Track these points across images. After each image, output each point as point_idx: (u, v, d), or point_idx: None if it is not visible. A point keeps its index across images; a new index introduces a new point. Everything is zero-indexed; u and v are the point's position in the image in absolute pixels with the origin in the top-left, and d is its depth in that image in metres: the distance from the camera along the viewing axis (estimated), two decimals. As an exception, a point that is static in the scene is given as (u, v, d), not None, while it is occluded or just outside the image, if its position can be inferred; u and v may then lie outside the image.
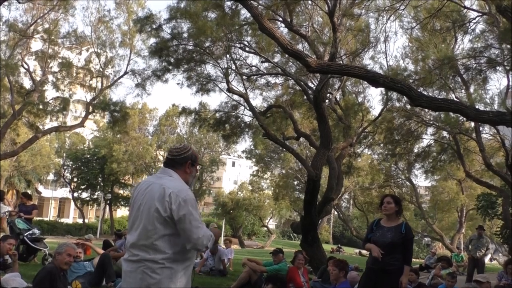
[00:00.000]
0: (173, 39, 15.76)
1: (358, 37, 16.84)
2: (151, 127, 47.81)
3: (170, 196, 3.30)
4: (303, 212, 14.65)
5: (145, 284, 3.28)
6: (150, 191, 3.41)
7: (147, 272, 3.28)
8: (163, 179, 3.46)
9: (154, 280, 3.27)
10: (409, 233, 5.96)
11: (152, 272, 3.28)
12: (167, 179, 3.45)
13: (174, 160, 3.56)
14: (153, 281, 3.27)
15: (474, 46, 15.46)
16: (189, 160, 3.58)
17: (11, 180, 41.44)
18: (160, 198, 3.32)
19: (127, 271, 3.39)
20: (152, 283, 3.27)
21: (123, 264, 3.48)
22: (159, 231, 3.31)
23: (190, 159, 3.59)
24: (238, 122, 19.15)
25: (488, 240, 14.18)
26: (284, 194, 40.57)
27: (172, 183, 3.41)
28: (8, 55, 20.89)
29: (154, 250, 3.30)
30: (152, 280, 3.27)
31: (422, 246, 58.01)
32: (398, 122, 21.56)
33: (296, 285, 8.67)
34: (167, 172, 3.53)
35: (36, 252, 11.57)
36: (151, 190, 3.41)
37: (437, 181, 39.17)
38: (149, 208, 3.35)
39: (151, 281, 3.27)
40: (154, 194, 3.36)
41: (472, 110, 8.76)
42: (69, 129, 29.88)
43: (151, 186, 3.44)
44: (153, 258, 3.29)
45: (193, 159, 3.62)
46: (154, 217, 3.31)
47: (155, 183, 3.44)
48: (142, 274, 3.29)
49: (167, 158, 3.62)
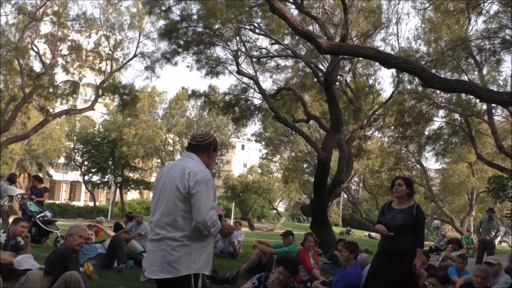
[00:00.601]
0: (182, 21, 15.65)
1: (370, 18, 16.62)
2: (160, 110, 47.84)
3: (190, 174, 3.50)
4: (313, 195, 14.64)
5: (166, 261, 3.46)
6: (172, 172, 3.63)
7: (168, 249, 3.46)
8: (184, 161, 3.70)
9: (174, 257, 3.46)
10: (421, 215, 5.90)
11: (172, 250, 3.46)
12: (189, 161, 3.67)
13: (197, 145, 3.76)
14: (172, 257, 3.46)
15: (488, 27, 15.19)
16: (212, 146, 3.79)
17: (23, 163, 41.80)
18: (180, 177, 3.52)
19: (150, 250, 3.62)
20: (172, 259, 3.46)
21: (148, 244, 3.74)
22: (179, 208, 3.49)
23: (213, 144, 3.80)
24: (248, 105, 19.09)
25: (498, 222, 14.10)
26: (293, 177, 40.60)
27: (192, 164, 3.62)
28: (18, 38, 20.89)
29: (174, 228, 3.49)
30: (172, 257, 3.46)
31: (432, 229, 57.95)
32: (409, 104, 21.38)
33: (306, 267, 8.68)
34: (189, 155, 3.74)
35: (48, 234, 11.67)
36: (173, 171, 3.63)
37: (448, 164, 39.04)
38: (171, 188, 3.55)
39: (171, 258, 3.46)
40: (176, 174, 3.57)
41: (485, 91, 8.63)
42: (79, 112, 29.97)
43: (174, 168, 3.67)
44: (173, 236, 3.48)
45: (215, 144, 3.83)
46: (175, 195, 3.51)
47: (177, 165, 3.68)
48: (163, 251, 3.47)
49: (189, 144, 3.81)
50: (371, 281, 6.14)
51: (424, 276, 7.51)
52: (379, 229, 5.92)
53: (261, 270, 8.12)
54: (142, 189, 53.15)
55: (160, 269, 3.48)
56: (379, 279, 5.94)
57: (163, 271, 3.47)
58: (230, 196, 48.77)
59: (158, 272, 3.49)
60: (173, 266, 3.46)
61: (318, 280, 7.99)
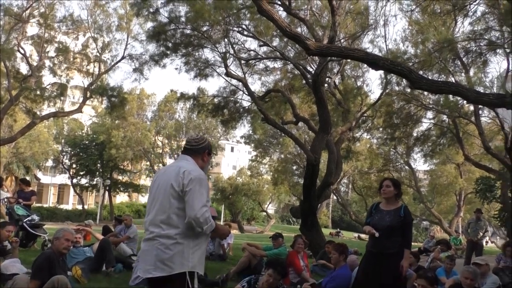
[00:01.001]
0: (170, 23, 15.62)
1: (357, 20, 16.70)
2: (149, 112, 47.65)
3: (184, 173, 3.59)
4: (302, 197, 14.66)
5: (159, 259, 3.50)
6: (167, 173, 3.74)
7: (161, 248, 3.51)
8: (179, 162, 3.82)
9: (167, 255, 3.49)
10: (408, 216, 5.93)
11: (166, 248, 3.50)
12: (183, 162, 3.77)
13: (191, 149, 3.85)
14: (166, 256, 3.49)
15: (475, 28, 15.32)
16: (206, 150, 3.89)
17: (10, 166, 41.37)
18: (175, 176, 3.60)
19: (144, 249, 3.65)
20: (166, 258, 3.49)
21: (142, 244, 3.74)
22: (173, 205, 3.56)
23: (207, 149, 3.90)
24: (237, 107, 19.08)
25: (486, 223, 14.20)
26: (283, 179, 40.59)
27: (187, 164, 3.72)
28: (4, 39, 20.69)
29: (168, 225, 3.54)
30: (166, 255, 3.50)
31: (421, 230, 58.23)
32: (397, 106, 21.49)
33: (296, 269, 8.66)
34: (184, 157, 3.84)
35: (35, 238, 11.56)
36: (168, 172, 3.74)
37: (436, 165, 39.25)
38: (165, 186, 3.62)
39: (164, 256, 3.50)
40: (171, 173, 3.66)
41: (472, 93, 8.70)
42: (67, 115, 29.75)
43: (169, 168, 3.81)
44: (167, 233, 3.52)
45: (210, 149, 3.94)
46: (169, 193, 3.58)
47: (173, 165, 3.82)
48: (157, 250, 3.52)
49: (184, 148, 3.90)
50: (359, 282, 6.14)
51: (413, 277, 7.53)
52: (366, 229, 5.96)
53: (251, 272, 8.10)
54: (131, 192, 52.87)
55: (154, 268, 3.51)
56: (367, 281, 5.96)
57: (157, 269, 3.50)
58: (219, 198, 48.63)
59: (152, 271, 3.53)
60: (167, 264, 3.49)
61: (308, 282, 7.98)
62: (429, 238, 19.39)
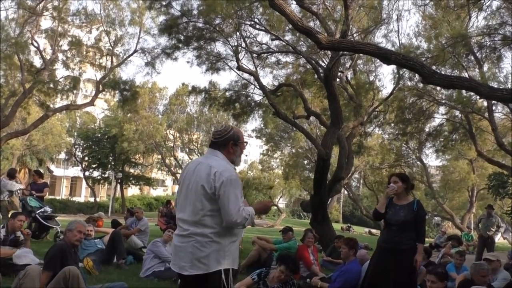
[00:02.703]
0: (182, 16, 15.62)
1: (370, 14, 16.58)
2: (161, 106, 47.73)
3: (215, 174, 3.49)
4: (313, 191, 14.64)
5: (196, 257, 3.47)
6: (198, 171, 3.63)
7: (197, 246, 3.48)
8: (209, 159, 3.67)
9: (204, 254, 3.47)
10: (421, 210, 5.91)
11: (202, 246, 3.47)
12: (214, 159, 3.66)
13: (217, 143, 3.75)
14: (202, 254, 3.47)
15: (489, 23, 15.14)
16: (231, 141, 3.74)
17: (23, 159, 41.79)
18: (207, 177, 3.52)
19: (178, 245, 3.60)
20: (202, 256, 3.47)
21: (174, 238, 3.72)
22: (205, 207, 3.51)
23: (232, 139, 3.74)
24: (248, 101, 19.05)
25: (498, 219, 14.09)
26: (294, 173, 40.58)
27: (217, 162, 3.62)
28: (18, 33, 20.84)
29: (202, 225, 3.50)
30: (202, 253, 3.47)
31: (432, 226, 57.96)
32: (409, 101, 21.35)
33: (306, 263, 8.69)
34: (214, 152, 3.73)
35: (48, 229, 11.71)
36: (199, 170, 3.63)
37: (448, 161, 39.02)
38: (197, 187, 3.55)
39: (200, 254, 3.47)
40: (202, 173, 3.57)
41: (485, 88, 8.59)
42: (80, 108, 29.93)
43: (199, 165, 3.66)
44: (202, 232, 3.49)
45: (236, 139, 3.76)
46: (201, 194, 3.52)
47: (203, 163, 3.67)
48: (193, 248, 3.49)
49: (211, 141, 3.81)
50: (370, 279, 6.10)
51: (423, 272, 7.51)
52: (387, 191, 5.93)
53: (261, 266, 8.12)
54: (143, 185, 53.13)
55: (191, 265, 3.49)
56: (378, 277, 5.91)
57: (194, 267, 3.48)
58: (230, 192, 48.57)
59: (188, 268, 3.50)
60: (203, 262, 3.46)
61: (318, 276, 8.00)
62: (441, 234, 19.35)
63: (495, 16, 14.90)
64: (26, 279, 5.09)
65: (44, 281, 5.25)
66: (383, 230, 6.19)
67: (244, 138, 3.87)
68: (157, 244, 8.18)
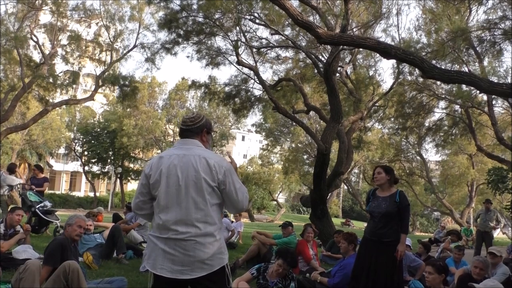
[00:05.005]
0: (182, 11, 15.58)
1: (370, 9, 16.54)
2: (160, 101, 47.74)
3: (215, 166, 3.29)
4: (313, 186, 14.64)
5: (199, 260, 3.24)
6: (187, 163, 3.31)
7: (200, 248, 3.24)
8: (195, 150, 3.38)
9: (208, 255, 3.25)
10: (404, 200, 5.91)
11: (205, 248, 3.25)
12: (201, 150, 3.40)
13: (189, 130, 3.49)
14: (206, 255, 3.25)
15: (489, 17, 15.12)
16: (204, 128, 3.52)
17: (23, 153, 41.82)
18: (206, 169, 3.29)
19: (168, 250, 3.27)
20: (206, 258, 3.25)
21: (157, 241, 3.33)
22: (209, 202, 3.28)
23: (205, 127, 3.53)
24: (248, 96, 19.03)
25: (497, 213, 14.11)
26: (293, 168, 40.62)
27: (208, 153, 3.39)
28: (17, 27, 20.80)
29: (205, 223, 3.26)
30: (206, 255, 3.25)
31: (432, 220, 58.08)
32: (409, 95, 21.34)
33: (305, 258, 8.70)
34: (192, 142, 3.45)
35: (48, 224, 11.71)
36: (188, 162, 3.31)
37: (448, 156, 39.03)
38: (194, 181, 3.27)
39: (204, 256, 3.25)
40: (196, 165, 3.29)
41: (485, 82, 8.59)
42: (79, 103, 29.89)
43: (185, 158, 3.33)
44: (206, 232, 3.26)
45: (208, 126, 3.56)
46: (204, 188, 3.27)
47: (189, 154, 3.35)
48: (194, 250, 3.23)
49: (181, 129, 3.53)
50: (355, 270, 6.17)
51: (422, 267, 7.53)
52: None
53: (260, 261, 8.14)
54: (142, 179, 53.13)
55: (192, 268, 3.23)
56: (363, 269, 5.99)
57: (196, 269, 3.24)
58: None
59: (189, 272, 3.23)
60: (207, 263, 3.25)
61: (317, 271, 8.01)
62: (440, 229, 19.37)
63: (495, 10, 14.87)
64: (26, 274, 5.08)
65: (44, 275, 5.26)
66: (368, 222, 6.25)
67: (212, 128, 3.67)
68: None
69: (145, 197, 3.46)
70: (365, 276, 5.91)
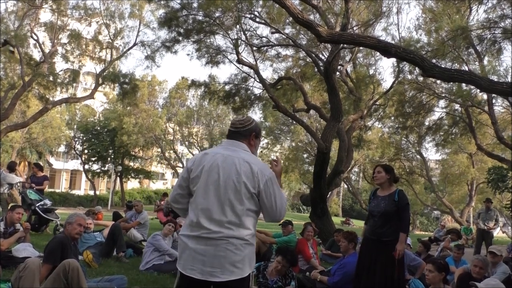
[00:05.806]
0: (182, 9, 15.57)
1: (370, 7, 16.54)
2: (161, 99, 47.70)
3: (258, 173, 3.22)
4: (313, 185, 14.64)
5: (230, 262, 3.17)
6: (230, 165, 3.27)
7: (231, 249, 3.18)
8: (240, 153, 3.34)
9: (239, 257, 3.19)
10: (403, 199, 5.90)
11: (237, 249, 3.19)
12: (246, 154, 3.35)
13: (238, 132, 3.45)
14: (238, 257, 3.19)
15: (489, 16, 15.10)
16: (253, 132, 3.48)
17: (23, 152, 41.78)
18: (249, 175, 3.23)
19: (199, 248, 3.20)
20: (237, 260, 3.18)
21: (188, 241, 3.27)
22: (246, 207, 3.22)
23: (254, 131, 3.49)
24: (248, 95, 19.02)
25: (496, 213, 14.13)
26: (293, 166, 40.60)
27: (253, 158, 3.33)
28: (17, 25, 20.78)
29: (238, 226, 3.20)
30: (237, 257, 3.19)
31: (432, 219, 58.08)
32: (409, 94, 21.34)
33: (305, 257, 8.70)
34: (239, 144, 3.41)
35: (47, 222, 11.73)
36: (231, 164, 3.27)
37: (448, 155, 39.01)
38: (235, 183, 3.22)
39: (236, 258, 3.18)
40: (239, 169, 3.24)
41: (485, 81, 8.58)
42: (79, 101, 29.91)
43: (229, 159, 3.29)
44: (239, 234, 3.20)
45: (257, 131, 3.52)
46: (242, 192, 3.21)
47: (233, 156, 3.30)
48: (226, 251, 3.16)
49: (230, 131, 3.49)
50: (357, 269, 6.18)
51: (422, 266, 7.53)
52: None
53: (260, 259, 8.12)
54: (142, 178, 53.17)
55: (222, 271, 3.14)
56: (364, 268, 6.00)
57: (226, 272, 3.14)
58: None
59: (219, 274, 3.14)
60: (238, 266, 3.18)
61: (317, 270, 8.01)
62: (440, 228, 19.37)
63: (495, 9, 14.86)
64: (26, 272, 5.08)
65: (44, 273, 5.25)
66: (369, 221, 6.26)
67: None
68: (157, 237, 8.19)
69: (183, 190, 3.41)
70: (366, 275, 5.91)
